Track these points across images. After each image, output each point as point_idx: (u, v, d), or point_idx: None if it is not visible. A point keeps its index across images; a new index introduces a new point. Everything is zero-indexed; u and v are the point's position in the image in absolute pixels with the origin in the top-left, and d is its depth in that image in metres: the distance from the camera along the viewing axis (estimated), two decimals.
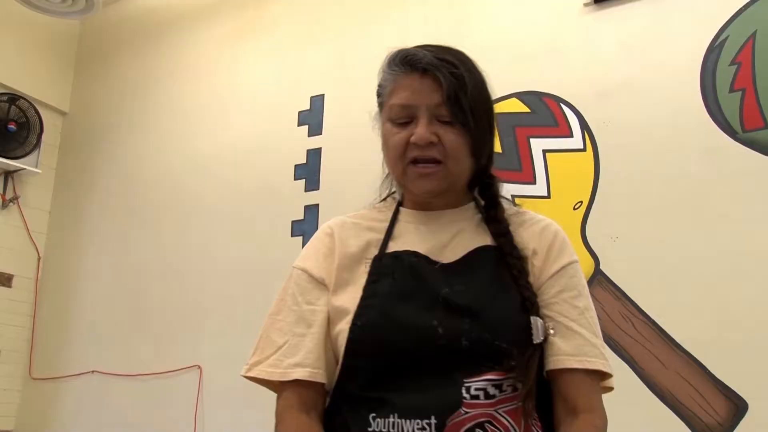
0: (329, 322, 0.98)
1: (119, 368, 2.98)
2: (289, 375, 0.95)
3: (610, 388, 0.99)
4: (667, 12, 2.18)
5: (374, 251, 1.00)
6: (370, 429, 0.89)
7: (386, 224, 1.04)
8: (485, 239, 1.00)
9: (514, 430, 0.88)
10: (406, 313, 0.92)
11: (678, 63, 2.11)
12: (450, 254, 0.99)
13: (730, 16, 2.06)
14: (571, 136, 2.24)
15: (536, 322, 0.92)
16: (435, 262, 0.97)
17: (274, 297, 1.04)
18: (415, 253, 0.98)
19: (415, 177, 0.98)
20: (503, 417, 0.88)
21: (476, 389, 0.88)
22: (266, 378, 0.97)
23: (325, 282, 1.00)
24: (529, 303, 0.94)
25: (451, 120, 0.95)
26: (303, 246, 1.08)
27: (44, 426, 3.13)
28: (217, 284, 2.85)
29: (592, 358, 0.93)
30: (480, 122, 0.97)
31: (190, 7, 3.39)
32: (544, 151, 2.27)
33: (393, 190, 1.10)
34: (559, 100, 2.29)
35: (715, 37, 2.07)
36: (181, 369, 2.81)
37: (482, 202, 1.06)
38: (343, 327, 0.94)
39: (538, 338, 0.91)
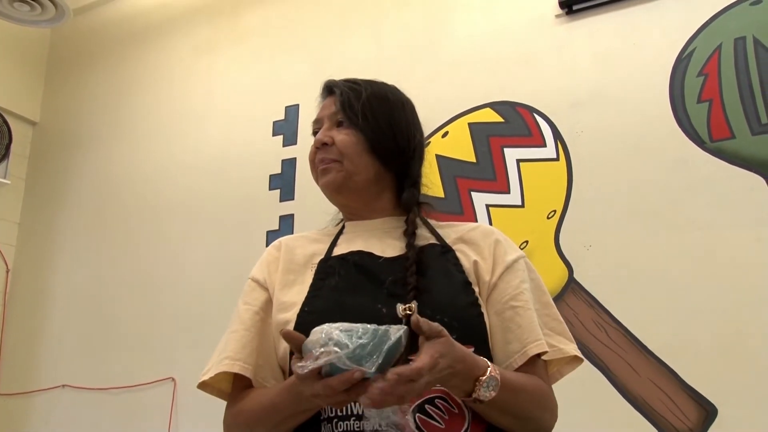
0: (273, 321, 1.01)
1: (91, 382, 2.92)
2: (217, 369, 0.99)
3: (575, 356, 1.03)
4: (638, 24, 2.22)
5: (320, 257, 1.05)
6: (324, 414, 0.92)
7: (332, 237, 1.10)
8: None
9: (467, 410, 0.91)
10: (353, 301, 0.96)
11: (648, 74, 2.15)
12: (389, 253, 1.03)
13: (696, 28, 2.11)
14: (545, 145, 2.27)
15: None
16: (379, 257, 1.02)
17: None
18: (359, 252, 1.03)
19: (319, 175, 1.07)
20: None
21: None
22: (203, 379, 1.01)
23: (266, 284, 1.05)
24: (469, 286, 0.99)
25: (344, 122, 1.06)
26: None
27: None
28: (191, 295, 2.81)
29: (532, 343, 0.97)
30: (376, 122, 1.06)
31: (163, 16, 3.37)
32: (518, 161, 2.29)
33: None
34: (532, 110, 2.32)
35: (683, 49, 2.12)
36: (155, 381, 2.77)
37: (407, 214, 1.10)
38: (290, 317, 0.98)
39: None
